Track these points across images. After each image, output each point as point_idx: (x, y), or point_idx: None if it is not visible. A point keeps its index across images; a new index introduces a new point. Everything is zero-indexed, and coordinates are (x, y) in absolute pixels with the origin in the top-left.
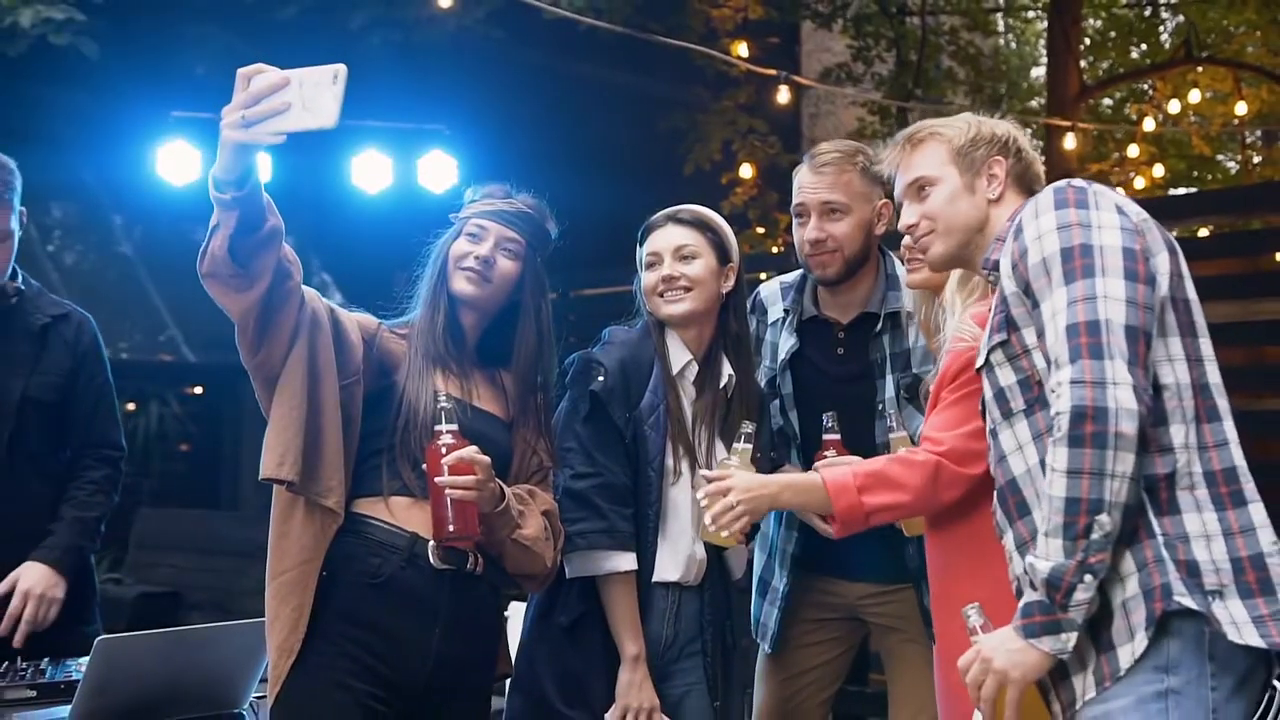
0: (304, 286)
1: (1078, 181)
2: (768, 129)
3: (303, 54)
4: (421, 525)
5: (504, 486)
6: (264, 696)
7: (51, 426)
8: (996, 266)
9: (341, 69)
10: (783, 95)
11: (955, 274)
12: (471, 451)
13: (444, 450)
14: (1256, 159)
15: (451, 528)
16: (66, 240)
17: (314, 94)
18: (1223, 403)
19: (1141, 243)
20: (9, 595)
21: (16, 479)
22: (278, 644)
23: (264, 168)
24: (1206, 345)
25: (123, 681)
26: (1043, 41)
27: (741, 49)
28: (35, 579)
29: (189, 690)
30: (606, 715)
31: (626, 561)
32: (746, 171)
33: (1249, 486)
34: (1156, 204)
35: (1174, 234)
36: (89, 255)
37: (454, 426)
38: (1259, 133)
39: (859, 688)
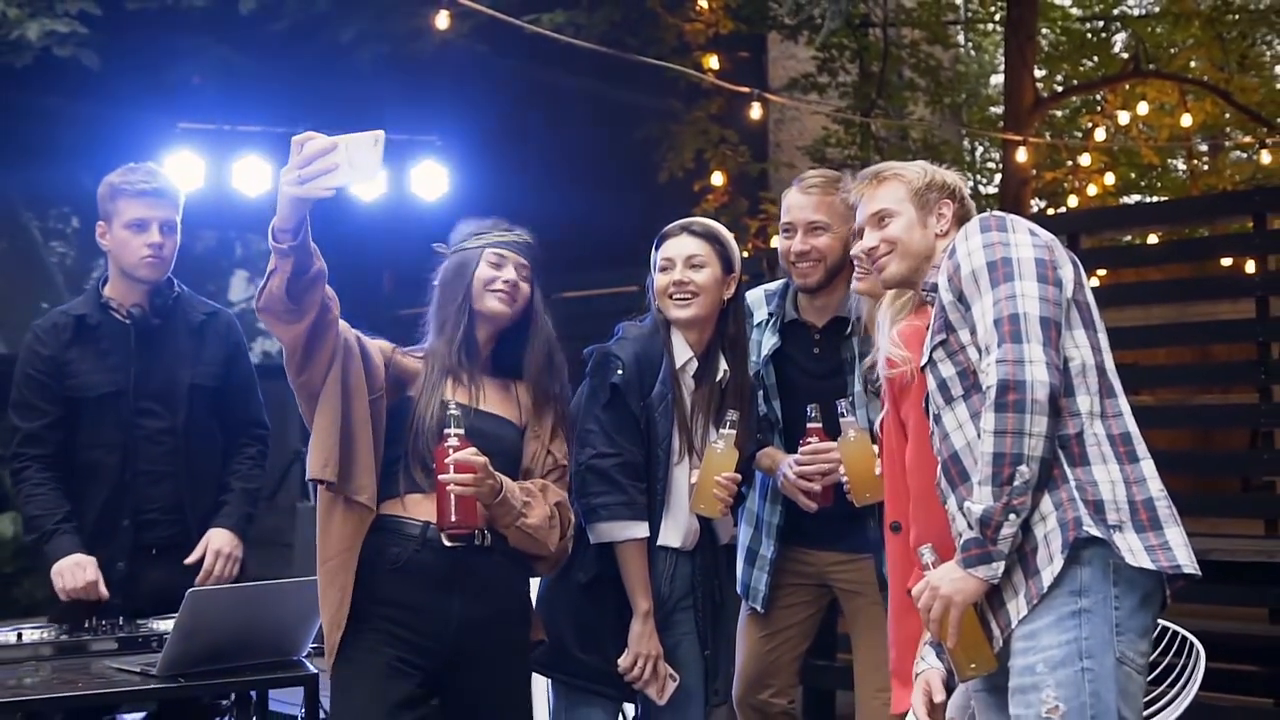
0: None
1: (998, 213)
2: (738, 139)
3: (295, 65)
4: (433, 514)
5: (505, 482)
6: (318, 647)
7: (212, 409)
8: (935, 288)
9: (380, 134)
10: (755, 111)
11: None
12: (470, 453)
13: (449, 451)
14: (1204, 167)
15: (454, 517)
16: (72, 248)
17: (358, 155)
18: (1117, 384)
19: (1050, 255)
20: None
21: (191, 454)
22: (329, 618)
23: (265, 178)
24: (1104, 338)
25: (207, 629)
26: (1001, 50)
27: (712, 61)
28: (223, 542)
29: (260, 638)
30: (619, 661)
31: (642, 530)
32: (718, 179)
33: (1141, 447)
34: (1110, 213)
35: (1127, 239)
36: (94, 262)
37: (460, 430)
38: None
39: (827, 662)
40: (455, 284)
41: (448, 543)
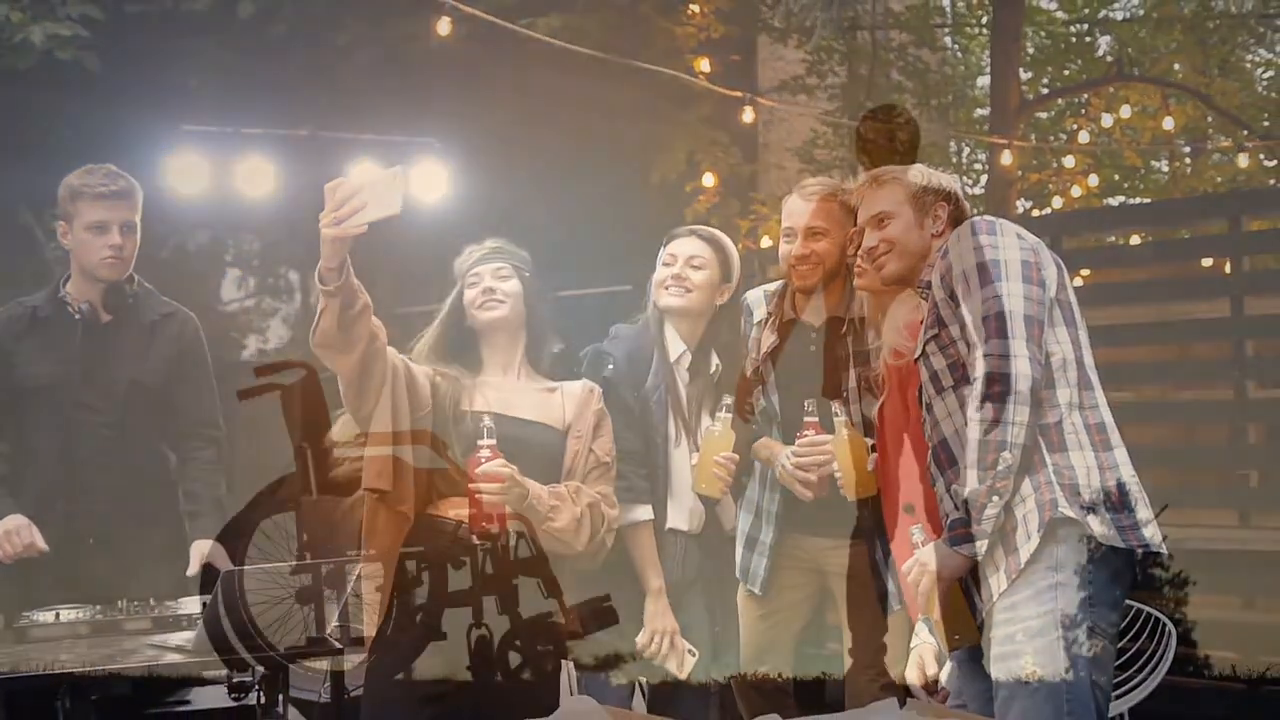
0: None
1: (988, 217)
2: (728, 140)
3: (294, 68)
4: (465, 514)
5: (532, 488)
6: (340, 625)
7: (157, 409)
8: (929, 285)
9: (399, 170)
10: (746, 115)
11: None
12: (498, 464)
13: (481, 460)
14: (1187, 170)
15: (484, 521)
16: None
17: (382, 191)
18: (1095, 378)
19: (1035, 257)
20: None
21: (129, 452)
22: (370, 607)
23: (268, 181)
24: (1084, 335)
25: (238, 608)
26: (987, 53)
27: (704, 65)
28: (217, 554)
29: (288, 616)
30: (637, 639)
31: (644, 512)
32: (709, 180)
33: (1115, 436)
34: (1093, 215)
35: (1110, 240)
36: None
37: (492, 441)
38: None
39: (816, 650)
40: (450, 315)
41: (477, 541)
